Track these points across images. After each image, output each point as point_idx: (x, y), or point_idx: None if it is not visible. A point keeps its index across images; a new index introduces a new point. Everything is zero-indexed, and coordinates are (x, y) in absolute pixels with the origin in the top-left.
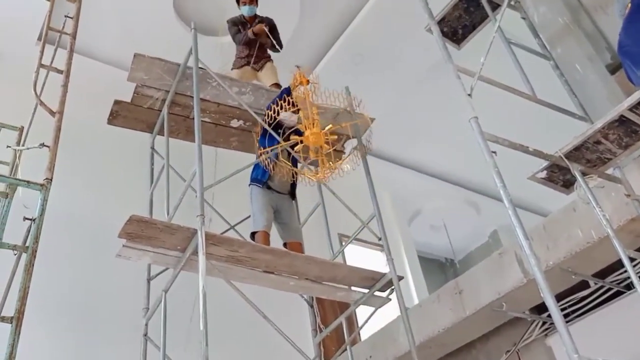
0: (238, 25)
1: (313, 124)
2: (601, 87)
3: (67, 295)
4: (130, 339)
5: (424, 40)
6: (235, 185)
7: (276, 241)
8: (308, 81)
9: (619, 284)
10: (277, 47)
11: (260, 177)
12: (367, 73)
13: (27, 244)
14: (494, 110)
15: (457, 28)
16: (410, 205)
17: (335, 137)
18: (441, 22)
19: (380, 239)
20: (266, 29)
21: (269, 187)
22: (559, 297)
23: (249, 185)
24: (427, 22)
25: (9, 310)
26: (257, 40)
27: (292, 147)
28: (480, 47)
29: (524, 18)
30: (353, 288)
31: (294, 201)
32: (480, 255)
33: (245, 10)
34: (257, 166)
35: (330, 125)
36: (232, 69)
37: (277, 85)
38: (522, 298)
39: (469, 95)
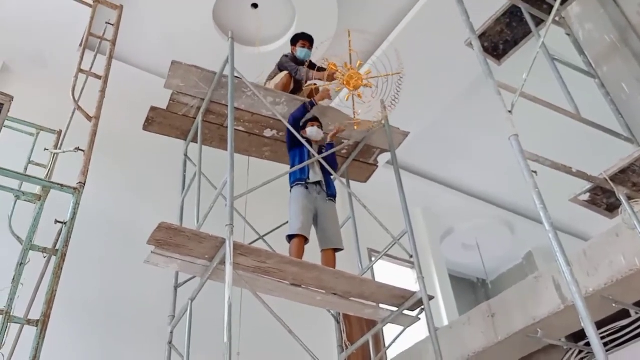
0: (295, 62)
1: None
2: None
3: (95, 298)
4: (155, 346)
5: (464, 55)
6: (267, 195)
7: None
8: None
9: None
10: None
11: (300, 175)
12: (404, 87)
13: (57, 247)
14: (535, 128)
15: (498, 43)
16: (443, 222)
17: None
18: (482, 37)
19: (411, 257)
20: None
21: (307, 187)
22: (597, 326)
23: (290, 189)
24: (468, 37)
25: (36, 313)
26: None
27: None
28: (520, 63)
29: (568, 34)
30: (381, 305)
31: (334, 203)
32: (514, 277)
33: (302, 54)
34: (293, 167)
35: (368, 69)
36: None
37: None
38: (559, 325)
39: (509, 112)
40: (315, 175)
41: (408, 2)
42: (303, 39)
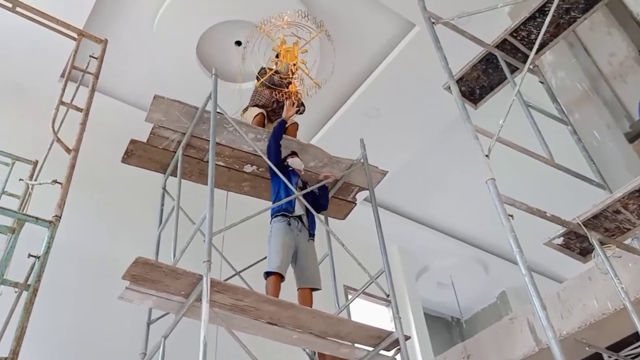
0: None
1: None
2: (619, 155)
3: (67, 334)
4: None
5: (440, 98)
6: (244, 231)
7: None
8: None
9: (633, 358)
10: (300, 110)
11: (285, 205)
12: (383, 127)
13: (29, 282)
14: (511, 171)
15: (474, 88)
16: (419, 260)
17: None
18: (459, 82)
19: (388, 296)
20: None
21: (289, 224)
22: None
23: (271, 220)
24: (446, 81)
25: (4, 350)
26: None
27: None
28: (495, 106)
29: (542, 82)
30: (357, 345)
31: (313, 242)
32: (488, 316)
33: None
34: (278, 197)
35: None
36: (250, 106)
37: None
38: None
39: (486, 156)
40: (300, 208)
41: (388, 44)
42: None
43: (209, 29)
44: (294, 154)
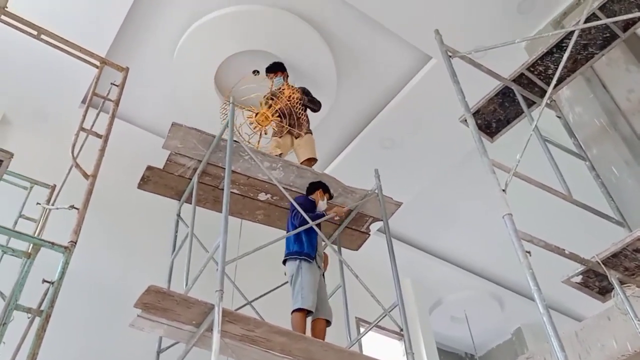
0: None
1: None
2: (638, 192)
3: None
4: None
5: (455, 130)
6: (256, 260)
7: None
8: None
9: None
10: (315, 107)
11: (308, 251)
12: (398, 158)
13: (42, 308)
14: (528, 205)
15: (491, 121)
16: (432, 293)
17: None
18: (475, 115)
19: (401, 330)
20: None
21: (316, 263)
22: None
23: (298, 260)
24: (462, 113)
25: None
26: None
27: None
28: (511, 139)
29: (559, 117)
30: None
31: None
32: (503, 353)
33: (277, 84)
34: (300, 241)
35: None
36: (272, 136)
37: (313, 159)
38: None
39: (503, 190)
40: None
41: (405, 75)
42: (269, 72)
43: (227, 58)
44: (326, 191)
